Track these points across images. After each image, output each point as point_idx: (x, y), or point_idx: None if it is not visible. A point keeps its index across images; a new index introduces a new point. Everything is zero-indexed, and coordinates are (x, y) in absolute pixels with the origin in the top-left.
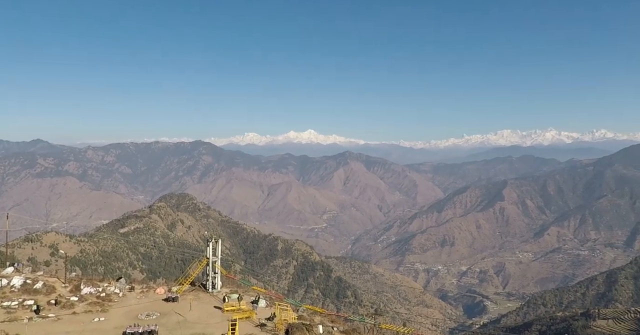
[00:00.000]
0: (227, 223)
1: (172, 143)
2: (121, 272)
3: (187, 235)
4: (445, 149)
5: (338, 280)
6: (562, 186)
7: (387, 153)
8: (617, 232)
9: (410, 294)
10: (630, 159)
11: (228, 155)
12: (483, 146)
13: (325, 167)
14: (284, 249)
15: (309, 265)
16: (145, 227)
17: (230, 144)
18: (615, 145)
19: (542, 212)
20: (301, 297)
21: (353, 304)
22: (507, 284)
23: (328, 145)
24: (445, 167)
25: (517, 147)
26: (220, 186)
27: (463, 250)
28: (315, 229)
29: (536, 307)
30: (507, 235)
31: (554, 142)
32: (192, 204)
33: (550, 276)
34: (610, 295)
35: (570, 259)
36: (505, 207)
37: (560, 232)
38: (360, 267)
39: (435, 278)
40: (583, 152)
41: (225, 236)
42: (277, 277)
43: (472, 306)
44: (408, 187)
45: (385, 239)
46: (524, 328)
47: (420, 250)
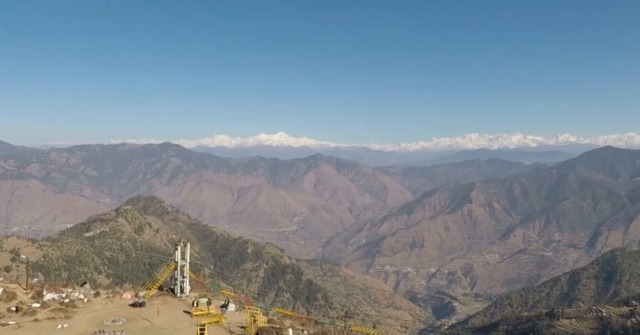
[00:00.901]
0: (196, 226)
1: (139, 145)
2: (86, 278)
3: (155, 239)
4: (415, 152)
5: (308, 283)
6: (527, 189)
7: (358, 156)
8: (579, 234)
9: (380, 296)
10: (592, 162)
11: (197, 157)
12: (452, 149)
13: (296, 170)
14: (254, 252)
15: (279, 268)
16: (111, 230)
17: (199, 146)
18: (578, 148)
19: (508, 214)
20: (271, 301)
21: (323, 306)
22: (474, 285)
23: (299, 147)
24: (415, 170)
25: (484, 151)
26: (190, 189)
27: (432, 252)
28: (286, 231)
29: (503, 308)
30: (474, 237)
31: (519, 146)
32: (160, 207)
33: (516, 277)
34: (573, 295)
35: (536, 260)
36: (473, 210)
37: (525, 233)
38: (330, 269)
39: (405, 280)
40: (547, 156)
41: (194, 240)
42: (247, 280)
43: (440, 307)
44: (378, 190)
45: (355, 241)
46: (491, 328)
47: (390, 252)
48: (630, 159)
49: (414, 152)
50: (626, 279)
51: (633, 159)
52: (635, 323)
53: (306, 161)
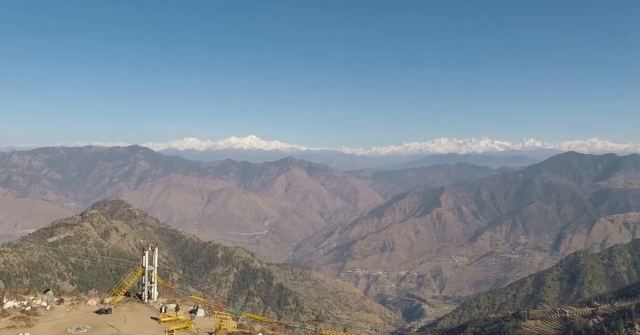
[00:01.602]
0: (164, 231)
1: (106, 148)
2: (49, 284)
3: (122, 244)
4: (386, 156)
5: (279, 288)
6: (494, 192)
7: (329, 159)
8: (544, 236)
9: (351, 299)
10: (556, 167)
11: (166, 160)
12: (421, 154)
13: (267, 173)
14: (224, 256)
15: (249, 272)
16: (76, 235)
17: (168, 149)
18: (543, 153)
19: (476, 218)
20: (241, 306)
21: (294, 311)
22: (443, 287)
23: (270, 151)
24: (386, 174)
25: (453, 155)
26: (158, 192)
27: (402, 255)
28: (257, 235)
29: (471, 310)
30: (443, 240)
31: (487, 151)
32: (127, 211)
33: (484, 279)
34: (538, 296)
35: (502, 263)
36: (442, 213)
37: (493, 236)
38: (301, 273)
39: (375, 283)
40: (514, 160)
41: (162, 244)
42: (217, 285)
43: (410, 310)
44: (349, 193)
45: (326, 245)
46: (459, 330)
47: (361, 255)
48: (592, 164)
49: (385, 156)
50: (588, 280)
51: (595, 164)
52: (597, 323)
53: (277, 165)
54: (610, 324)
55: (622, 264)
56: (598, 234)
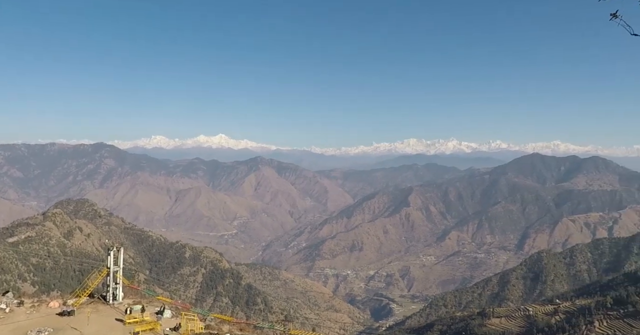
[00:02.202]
0: (130, 230)
1: (70, 145)
2: (9, 286)
3: (86, 244)
4: (355, 156)
5: (248, 288)
6: (462, 193)
7: (299, 159)
8: (509, 236)
9: (320, 299)
10: (521, 168)
11: (133, 159)
12: (391, 154)
13: (236, 173)
14: (192, 256)
15: (218, 272)
16: (38, 235)
17: (135, 147)
18: (508, 155)
19: (444, 218)
20: (209, 306)
21: (263, 311)
22: (411, 286)
23: (239, 150)
24: (355, 174)
25: (422, 156)
26: (124, 191)
27: (371, 254)
28: (225, 235)
29: (438, 308)
30: (412, 239)
31: (455, 152)
32: (92, 211)
33: (451, 278)
34: (503, 294)
35: (469, 262)
36: (410, 213)
37: (460, 236)
38: (270, 273)
39: (344, 283)
40: (481, 161)
41: (128, 244)
42: (185, 285)
43: (379, 309)
44: (319, 193)
45: (296, 244)
46: (427, 328)
47: (330, 255)
48: (555, 166)
49: (355, 156)
50: (551, 279)
51: (558, 166)
52: (559, 320)
53: (247, 164)
54: (572, 321)
55: (583, 263)
56: (560, 234)
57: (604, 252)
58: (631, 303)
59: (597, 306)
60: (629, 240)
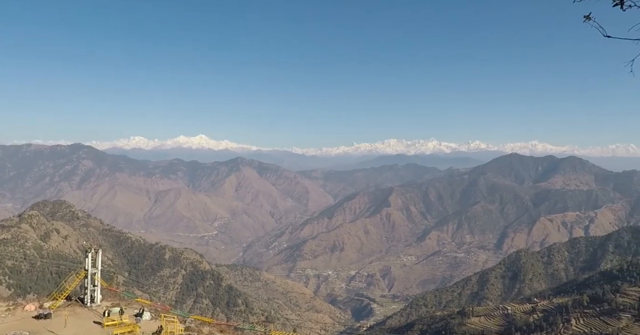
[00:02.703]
0: (109, 232)
1: (47, 146)
2: None
3: (64, 246)
4: (336, 156)
5: (229, 289)
6: (441, 193)
7: (280, 160)
8: (488, 236)
9: (301, 299)
10: (500, 168)
11: (111, 159)
12: (371, 154)
13: (216, 173)
14: (172, 258)
15: (198, 274)
16: (13, 237)
17: (114, 148)
18: (487, 155)
19: (424, 218)
20: (189, 308)
21: (244, 312)
22: (392, 286)
23: (220, 150)
24: (336, 174)
25: (402, 156)
26: (103, 193)
27: (352, 255)
28: (206, 236)
29: (418, 308)
30: (392, 239)
31: (435, 152)
32: (69, 212)
33: (431, 278)
34: (482, 293)
35: (449, 261)
36: (391, 213)
37: (440, 236)
38: (251, 274)
39: (326, 283)
40: (460, 162)
41: (107, 246)
42: (164, 287)
43: (360, 309)
44: (300, 194)
45: (277, 245)
46: (407, 328)
47: (311, 256)
48: (533, 166)
49: (336, 157)
50: (529, 278)
51: (536, 166)
52: (537, 319)
53: (227, 164)
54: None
55: (560, 262)
56: (538, 233)
57: (580, 251)
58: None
59: (574, 304)
60: (604, 239)
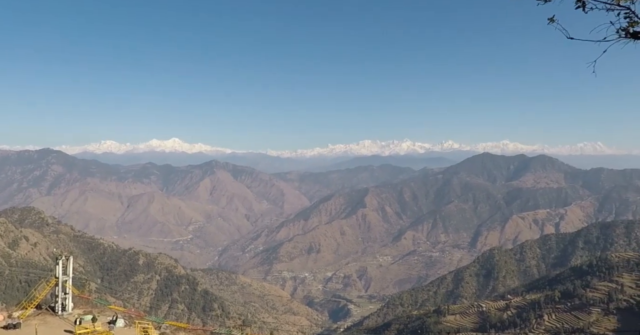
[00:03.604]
0: (80, 238)
1: (14, 151)
2: None
3: (33, 253)
4: (311, 158)
5: (204, 293)
6: (416, 193)
7: (255, 162)
8: (462, 234)
9: (278, 302)
10: (473, 168)
11: (82, 164)
12: (346, 156)
13: (190, 177)
14: (146, 263)
15: (173, 279)
16: None
17: (84, 152)
18: (460, 155)
19: (399, 218)
20: (165, 314)
21: (220, 316)
22: (369, 287)
23: (193, 154)
24: (311, 176)
25: (377, 157)
26: (73, 198)
27: (328, 256)
28: (180, 241)
29: (395, 308)
30: (368, 240)
31: (409, 152)
32: (39, 219)
33: (407, 277)
34: (457, 292)
35: (424, 261)
36: (367, 214)
37: (415, 235)
38: (227, 278)
39: (302, 285)
40: (434, 162)
41: (78, 253)
42: (138, 293)
43: (337, 310)
44: (275, 196)
45: (253, 248)
46: (384, 328)
47: (288, 258)
48: (505, 165)
49: (311, 159)
50: (502, 275)
51: (507, 165)
52: (510, 315)
53: (201, 168)
54: (522, 316)
55: (532, 259)
56: (511, 231)
57: (551, 248)
58: (577, 296)
59: (546, 300)
60: (574, 235)
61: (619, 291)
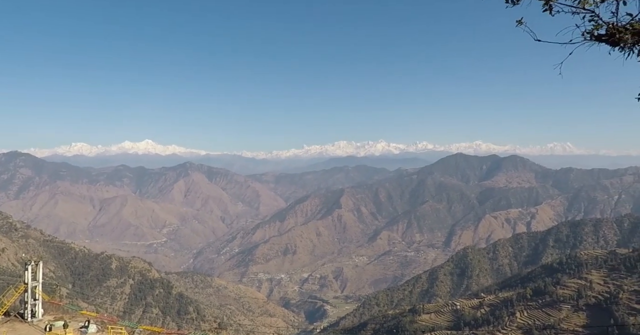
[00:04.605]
0: (51, 243)
1: None
2: None
3: (1, 259)
4: (287, 159)
5: (179, 297)
6: (391, 193)
7: (230, 163)
8: (437, 234)
9: (254, 304)
10: (446, 168)
11: (52, 167)
12: (322, 156)
13: (164, 179)
14: (119, 267)
15: (147, 283)
16: None
17: (54, 155)
18: (434, 155)
19: (375, 218)
20: (139, 318)
21: (195, 320)
22: (345, 287)
23: (167, 155)
24: (287, 177)
25: (352, 158)
26: (43, 202)
27: (304, 257)
28: (155, 244)
29: (371, 307)
30: (344, 241)
31: (384, 153)
32: (6, 223)
33: (383, 277)
34: (432, 291)
35: (399, 260)
36: (342, 215)
37: (390, 235)
38: (202, 281)
39: (279, 286)
40: (408, 162)
41: (48, 258)
42: (111, 298)
43: (313, 311)
44: (251, 198)
45: (228, 250)
46: (360, 328)
47: (264, 260)
48: (478, 165)
49: (286, 160)
50: (476, 273)
51: (480, 165)
52: (484, 313)
53: (175, 170)
54: (495, 313)
55: (505, 257)
56: (484, 230)
57: (523, 246)
58: (548, 293)
59: (518, 298)
60: (545, 233)
61: (588, 288)
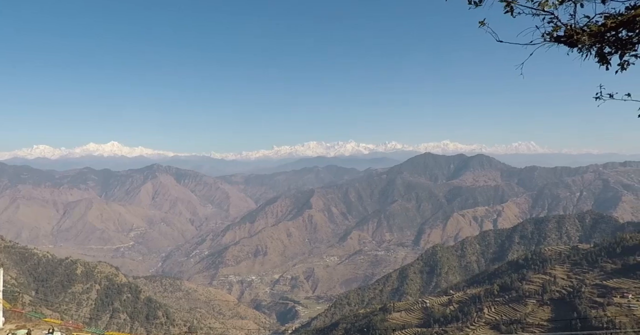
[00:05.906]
0: (12, 249)
1: None
2: None
3: None
4: (257, 160)
5: (148, 301)
6: (361, 193)
7: (198, 165)
8: (406, 233)
9: (225, 307)
10: (415, 168)
11: (12, 171)
12: (292, 157)
13: (131, 181)
14: (85, 272)
15: (114, 288)
16: None
17: (14, 158)
18: (403, 155)
19: (345, 218)
20: (106, 324)
21: (165, 324)
22: (316, 287)
23: (134, 158)
24: (257, 178)
25: (322, 158)
26: (3, 207)
27: (275, 258)
28: (121, 248)
29: (342, 307)
30: (315, 241)
31: (353, 153)
32: None
33: (354, 277)
34: (402, 289)
35: (370, 260)
36: (313, 215)
37: (361, 235)
38: (171, 284)
39: (249, 288)
40: (378, 162)
41: (10, 264)
42: (77, 304)
43: (284, 313)
44: (220, 199)
45: (197, 253)
46: (332, 328)
47: (234, 262)
48: (446, 164)
49: (256, 161)
50: (445, 271)
51: (448, 164)
52: (453, 310)
53: (142, 172)
54: (464, 310)
55: (472, 255)
56: (452, 228)
57: (490, 243)
58: (514, 289)
59: (486, 294)
60: (510, 231)
61: (552, 283)
